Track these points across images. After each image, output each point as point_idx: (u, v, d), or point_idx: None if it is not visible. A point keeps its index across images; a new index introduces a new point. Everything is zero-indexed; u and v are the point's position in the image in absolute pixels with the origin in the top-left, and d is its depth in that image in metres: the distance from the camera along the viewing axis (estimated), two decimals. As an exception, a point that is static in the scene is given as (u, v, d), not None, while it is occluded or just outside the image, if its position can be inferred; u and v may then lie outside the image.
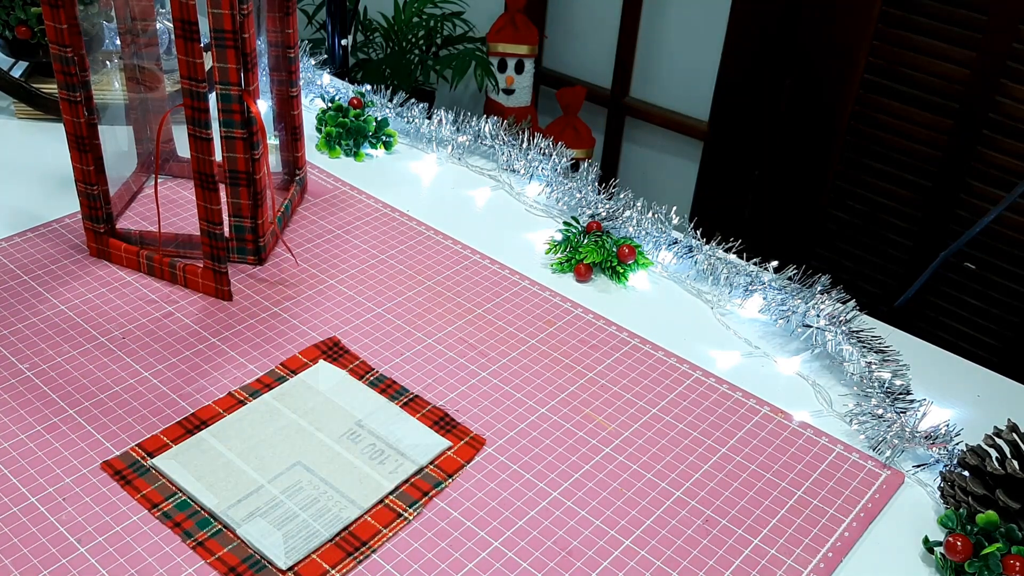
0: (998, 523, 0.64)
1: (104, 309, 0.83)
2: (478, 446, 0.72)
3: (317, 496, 0.66)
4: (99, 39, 1.07)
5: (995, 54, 1.67)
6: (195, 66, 0.76)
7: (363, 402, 0.74)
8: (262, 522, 0.64)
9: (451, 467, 0.70)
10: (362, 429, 0.71)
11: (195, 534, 0.63)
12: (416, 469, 0.69)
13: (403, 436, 0.72)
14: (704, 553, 0.65)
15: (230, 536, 0.63)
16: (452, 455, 0.71)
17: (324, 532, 0.64)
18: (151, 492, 0.66)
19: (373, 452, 0.69)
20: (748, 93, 2.05)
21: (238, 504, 0.65)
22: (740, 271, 0.92)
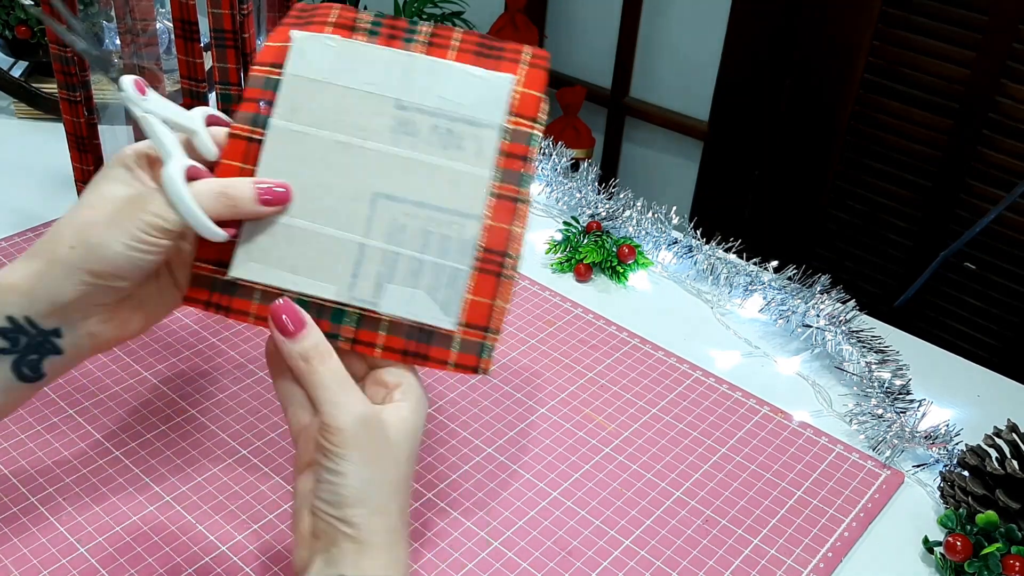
0: (998, 523, 0.64)
1: (104, 309, 0.83)
2: (543, 63, 0.58)
3: (426, 227, 0.55)
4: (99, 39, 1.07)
5: (995, 54, 1.67)
6: (195, 66, 0.76)
7: (383, 69, 0.57)
8: (395, 288, 0.54)
9: (530, 107, 0.57)
10: (408, 111, 0.56)
11: (342, 333, 0.54)
12: (498, 133, 0.56)
13: (455, 94, 0.57)
14: (704, 553, 0.65)
15: (375, 318, 0.54)
16: (522, 90, 0.57)
17: (462, 266, 0.55)
18: (260, 308, 0.55)
19: (440, 137, 0.56)
20: (748, 93, 2.05)
21: (357, 280, 0.54)
22: (740, 271, 0.92)
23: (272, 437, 0.71)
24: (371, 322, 0.54)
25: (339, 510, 0.49)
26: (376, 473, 0.50)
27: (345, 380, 0.51)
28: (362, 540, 0.49)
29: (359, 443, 0.50)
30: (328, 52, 0.57)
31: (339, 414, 0.50)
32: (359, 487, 0.49)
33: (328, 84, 0.57)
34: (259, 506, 0.66)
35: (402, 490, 0.52)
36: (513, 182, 0.56)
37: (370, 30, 0.58)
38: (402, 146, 0.56)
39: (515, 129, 0.57)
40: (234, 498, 0.66)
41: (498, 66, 0.58)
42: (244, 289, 0.55)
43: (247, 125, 0.56)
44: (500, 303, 0.55)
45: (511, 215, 0.56)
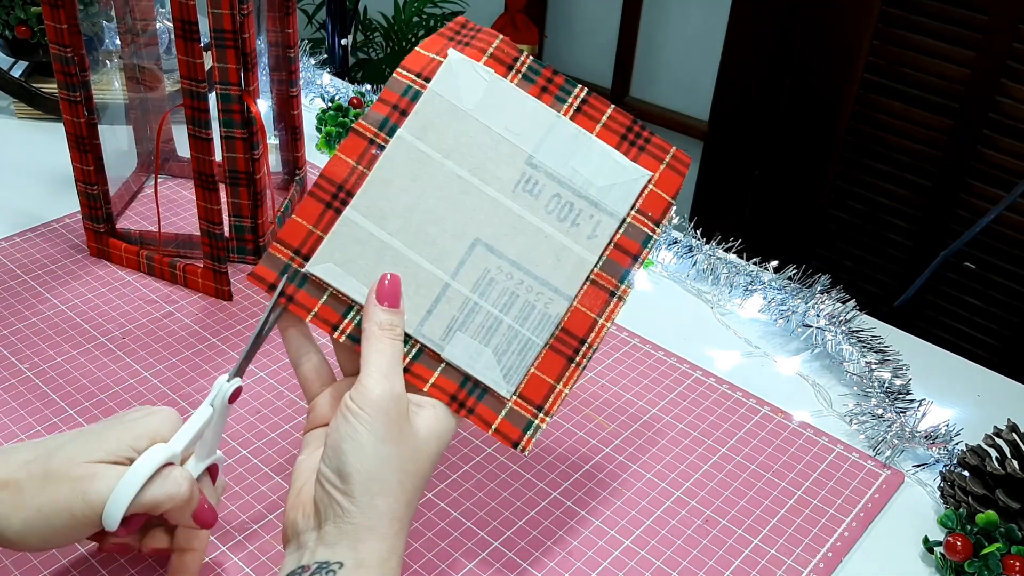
0: (998, 523, 0.64)
1: (104, 309, 0.83)
2: (683, 169, 0.57)
3: (514, 289, 0.54)
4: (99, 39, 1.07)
5: (995, 54, 1.67)
6: (195, 66, 0.76)
7: (527, 120, 0.56)
8: (464, 338, 0.54)
9: (657, 209, 0.56)
10: (538, 171, 0.55)
11: None
12: (618, 224, 0.55)
13: (589, 170, 0.56)
14: (704, 553, 0.65)
15: (434, 357, 0.54)
16: (655, 190, 0.56)
17: (536, 339, 0.54)
18: (324, 309, 0.54)
19: (560, 207, 0.55)
20: (748, 93, 2.05)
21: (430, 317, 0.54)
22: (740, 271, 0.92)
23: (272, 437, 0.71)
24: (430, 359, 0.54)
25: (344, 482, 0.48)
26: (393, 454, 0.49)
27: (399, 363, 0.51)
28: (360, 523, 0.48)
29: (387, 417, 0.49)
30: (479, 83, 0.56)
31: (380, 383, 0.49)
32: (372, 463, 0.48)
33: (468, 115, 0.55)
34: (259, 506, 0.66)
35: (415, 485, 0.51)
36: (615, 275, 0.55)
37: (525, 75, 0.57)
38: (520, 203, 0.55)
39: (636, 225, 0.56)
40: (234, 498, 0.66)
41: (639, 157, 0.57)
42: (315, 286, 0.54)
43: (374, 127, 0.55)
44: (561, 387, 0.54)
45: (602, 306, 0.55)
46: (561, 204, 0.55)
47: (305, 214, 0.54)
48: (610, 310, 0.55)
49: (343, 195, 0.54)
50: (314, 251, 0.54)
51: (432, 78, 0.55)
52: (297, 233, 0.54)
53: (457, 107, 0.55)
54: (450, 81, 0.56)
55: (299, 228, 0.54)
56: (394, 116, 0.55)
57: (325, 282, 0.54)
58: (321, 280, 0.54)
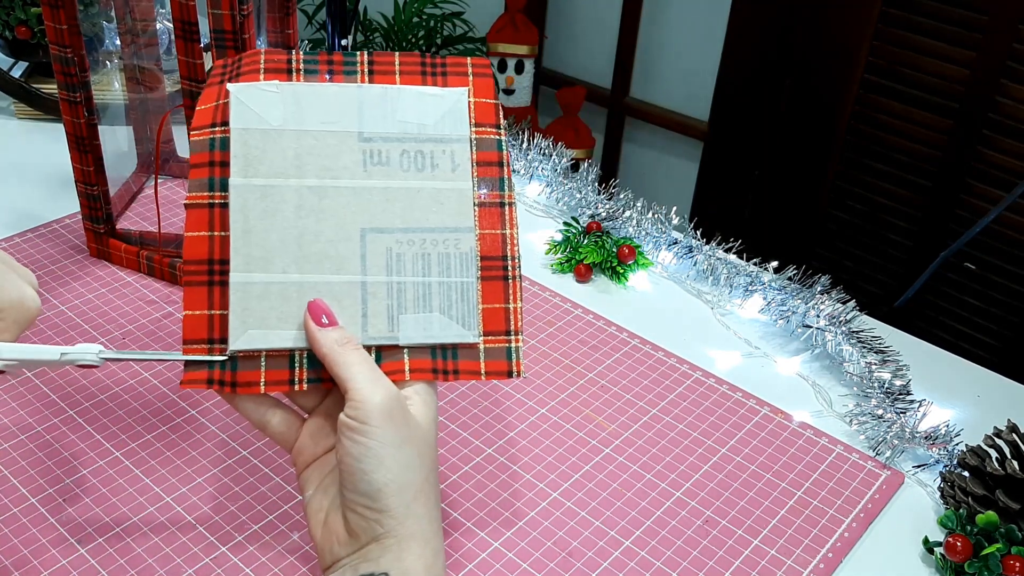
0: (998, 523, 0.64)
1: (104, 309, 0.83)
2: (486, 70, 0.59)
3: (423, 251, 0.55)
4: (99, 39, 1.07)
5: (995, 54, 1.67)
6: (195, 66, 0.76)
7: (335, 105, 0.56)
8: (409, 318, 0.54)
9: (490, 116, 0.58)
10: (373, 142, 0.56)
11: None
12: (468, 146, 0.57)
13: (415, 116, 0.57)
14: (704, 553, 0.65)
15: (395, 350, 0.54)
16: (477, 100, 0.58)
17: (468, 279, 0.55)
18: (271, 373, 0.53)
19: (412, 160, 0.56)
20: (748, 93, 2.05)
21: (367, 320, 0.54)
22: (740, 271, 0.92)
23: (272, 437, 0.71)
24: (392, 351, 0.54)
25: (376, 500, 0.48)
26: (411, 455, 0.49)
27: (374, 365, 0.51)
28: (401, 534, 0.47)
29: (393, 420, 0.48)
30: (272, 98, 0.55)
31: (374, 389, 0.49)
32: (397, 472, 0.48)
33: (281, 131, 0.55)
34: (259, 506, 0.66)
35: (434, 477, 0.50)
36: (494, 188, 0.57)
37: (306, 70, 0.57)
38: (377, 177, 0.55)
39: (481, 138, 0.57)
40: (234, 498, 0.66)
41: (446, 82, 0.58)
42: (247, 359, 0.53)
43: (203, 192, 0.54)
44: (514, 305, 0.56)
45: (500, 219, 0.56)
46: (411, 156, 0.56)
47: (194, 304, 0.53)
48: (509, 219, 0.57)
49: (218, 266, 0.54)
50: (226, 332, 0.53)
51: (228, 119, 0.55)
52: (199, 326, 0.53)
53: (266, 129, 0.55)
54: (245, 111, 0.55)
55: (198, 320, 0.53)
56: (215, 171, 0.54)
57: (254, 351, 0.53)
58: (249, 351, 0.53)
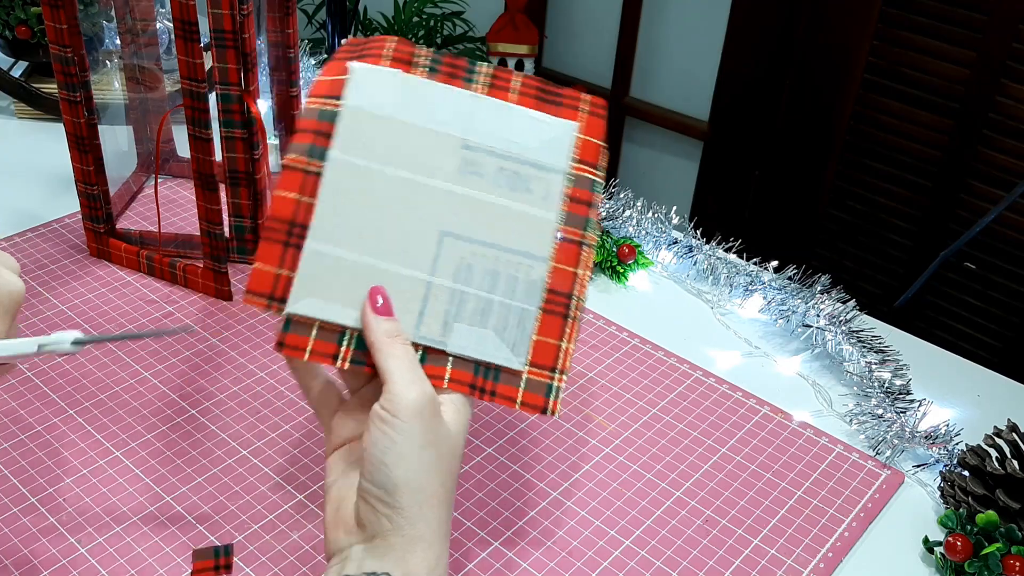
0: (998, 523, 0.64)
1: (104, 309, 0.83)
2: (601, 111, 0.59)
3: (493, 267, 0.55)
4: (99, 39, 1.07)
5: (995, 54, 1.67)
6: (195, 66, 0.76)
7: (448, 107, 0.56)
8: (463, 327, 0.54)
9: (592, 154, 0.58)
10: (475, 151, 0.56)
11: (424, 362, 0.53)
12: (563, 178, 0.56)
13: (520, 137, 0.56)
14: (704, 553, 0.65)
15: (440, 355, 0.54)
16: (584, 137, 0.58)
17: (529, 307, 0.55)
18: (318, 344, 0.53)
19: (507, 178, 0.56)
20: (748, 93, 2.05)
21: (423, 319, 0.54)
22: (740, 271, 0.92)
23: (272, 437, 0.71)
24: (438, 356, 0.54)
25: (390, 495, 0.48)
26: (434, 458, 0.49)
27: (417, 364, 0.51)
28: (409, 534, 0.47)
29: (423, 420, 0.49)
30: (390, 86, 0.56)
31: (410, 387, 0.49)
32: (417, 471, 0.48)
33: (391, 119, 0.55)
34: (259, 506, 0.66)
35: (452, 485, 0.50)
36: (578, 226, 0.56)
37: (430, 67, 0.57)
38: (469, 186, 0.55)
39: (579, 175, 0.57)
40: (234, 498, 0.66)
41: (559, 112, 0.58)
42: (301, 324, 0.53)
43: (303, 156, 0.54)
44: (566, 344, 0.55)
45: (576, 258, 0.56)
46: (507, 175, 0.56)
47: (266, 259, 0.53)
48: (584, 260, 0.56)
49: (298, 230, 0.53)
50: (288, 292, 0.53)
51: (342, 95, 0.55)
52: (264, 280, 0.53)
53: (376, 114, 0.55)
54: (361, 92, 0.55)
55: (265, 275, 0.53)
56: (319, 141, 0.54)
57: (309, 318, 0.53)
58: (305, 317, 0.53)
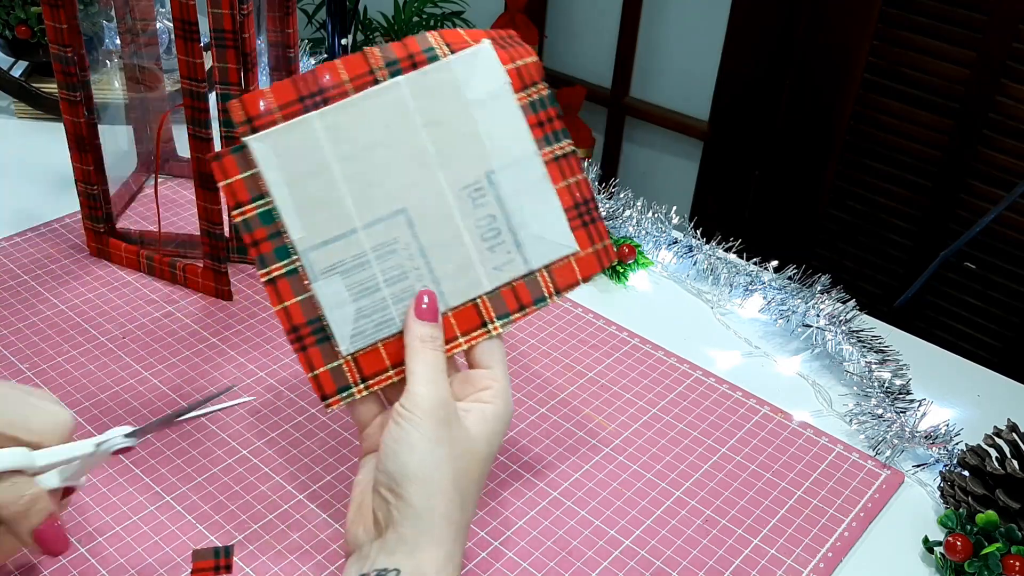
0: (998, 523, 0.64)
1: (104, 309, 0.83)
2: (606, 262, 0.59)
3: (407, 270, 0.55)
4: (99, 38, 1.07)
5: (995, 54, 1.67)
6: (195, 66, 0.76)
7: (509, 139, 0.57)
8: (340, 283, 0.54)
9: (564, 280, 0.58)
10: (490, 187, 0.56)
11: (269, 263, 0.54)
12: (526, 272, 0.57)
13: (531, 216, 0.57)
14: (704, 553, 0.65)
15: (302, 284, 0.54)
16: (572, 262, 0.58)
17: (398, 321, 0.55)
18: (237, 183, 0.54)
19: (489, 229, 0.56)
20: (748, 93, 2.05)
21: (323, 247, 0.54)
22: (740, 271, 0.92)
23: (272, 437, 0.71)
24: (297, 283, 0.54)
25: (399, 485, 0.49)
26: (445, 456, 0.50)
27: (443, 371, 0.54)
28: (418, 528, 0.49)
29: (436, 420, 0.51)
30: (491, 82, 0.57)
31: (427, 388, 0.52)
32: (425, 464, 0.50)
33: (464, 102, 0.56)
34: (259, 506, 0.66)
35: (469, 488, 0.52)
36: (497, 311, 0.57)
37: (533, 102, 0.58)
38: (459, 203, 0.56)
39: (538, 282, 0.58)
40: (234, 498, 0.66)
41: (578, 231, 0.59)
42: (243, 159, 0.54)
43: (382, 61, 0.55)
44: (392, 374, 0.56)
45: (470, 328, 0.57)
46: (492, 227, 0.57)
47: (278, 93, 0.54)
48: (473, 336, 0.57)
49: (319, 99, 0.54)
50: (264, 128, 0.54)
51: (456, 53, 0.57)
52: (256, 104, 0.54)
53: (460, 90, 0.56)
54: (469, 64, 0.56)
55: (264, 101, 0.54)
56: (405, 63, 0.56)
57: (255, 159, 0.54)
58: (253, 157, 0.54)
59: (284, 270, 0.54)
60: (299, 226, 0.54)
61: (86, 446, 0.53)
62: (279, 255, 0.54)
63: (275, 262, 0.54)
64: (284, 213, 0.54)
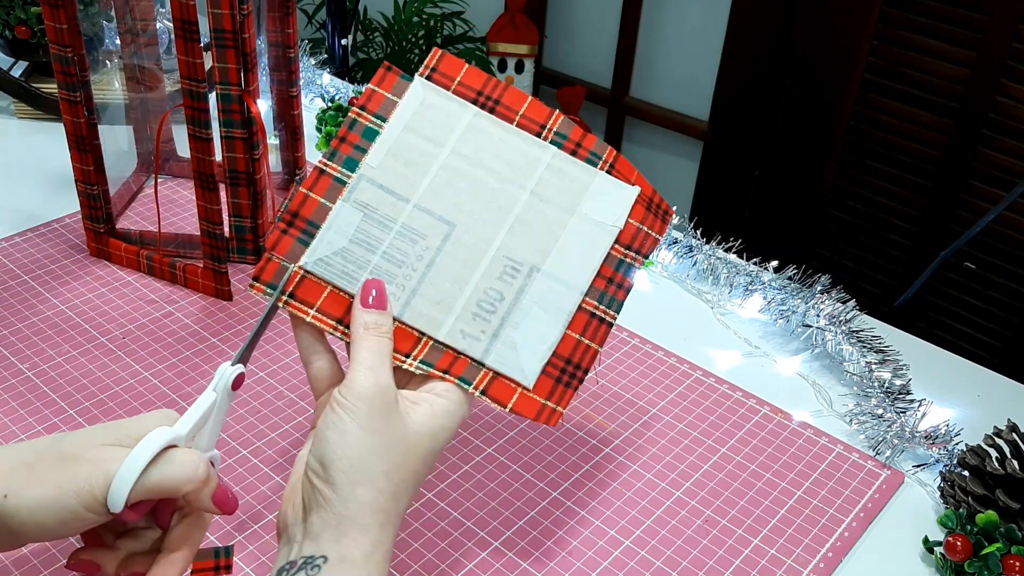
0: (998, 523, 0.64)
1: (104, 309, 0.83)
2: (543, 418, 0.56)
3: (406, 263, 0.56)
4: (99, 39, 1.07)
5: (995, 54, 1.67)
6: (195, 66, 0.76)
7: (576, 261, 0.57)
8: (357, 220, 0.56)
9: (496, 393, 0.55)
10: (525, 277, 0.56)
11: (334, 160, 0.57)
12: (477, 358, 0.55)
13: (527, 328, 0.56)
14: (704, 553, 0.65)
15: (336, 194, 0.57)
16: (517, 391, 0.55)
17: (356, 287, 0.55)
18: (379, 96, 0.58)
19: (489, 302, 0.56)
20: (748, 93, 2.05)
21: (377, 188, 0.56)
22: (740, 271, 0.92)
23: (272, 437, 0.71)
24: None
25: (326, 470, 0.49)
26: (377, 445, 0.49)
27: (386, 358, 0.53)
28: (341, 514, 0.48)
29: (371, 407, 0.50)
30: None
31: (365, 375, 0.51)
32: (354, 450, 0.49)
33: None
34: (259, 506, 0.66)
35: (403, 479, 0.50)
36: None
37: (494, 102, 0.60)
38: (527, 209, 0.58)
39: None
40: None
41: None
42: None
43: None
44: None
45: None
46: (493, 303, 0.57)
47: (470, 74, 0.59)
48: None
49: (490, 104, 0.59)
50: (435, 83, 0.58)
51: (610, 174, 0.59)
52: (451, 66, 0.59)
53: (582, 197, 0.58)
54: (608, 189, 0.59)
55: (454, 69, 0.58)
56: (569, 144, 0.59)
57: (406, 94, 0.58)
58: (408, 91, 0.58)
59: (337, 174, 0.56)
60: (379, 160, 0.56)
61: (207, 396, 0.53)
62: (347, 164, 0.56)
63: (339, 164, 0.57)
64: (380, 142, 0.57)
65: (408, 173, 0.56)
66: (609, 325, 0.57)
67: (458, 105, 0.58)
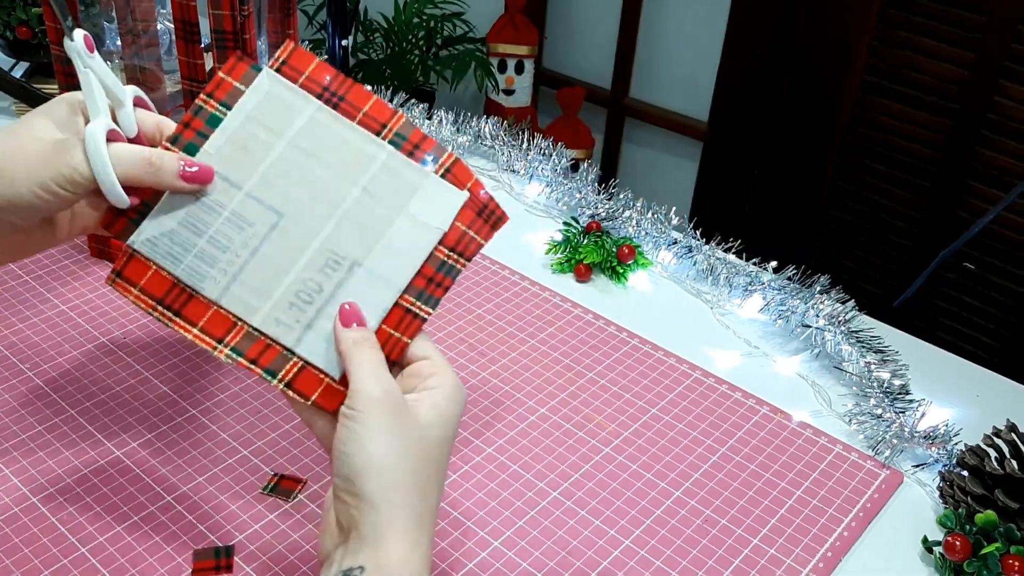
0: (997, 523, 0.64)
1: (104, 309, 0.83)
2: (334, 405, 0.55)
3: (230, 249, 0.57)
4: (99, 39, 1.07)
5: (994, 55, 1.67)
6: (196, 67, 0.76)
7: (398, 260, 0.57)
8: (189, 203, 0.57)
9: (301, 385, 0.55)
10: (346, 272, 0.56)
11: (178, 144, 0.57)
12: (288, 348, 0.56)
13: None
14: (704, 553, 0.65)
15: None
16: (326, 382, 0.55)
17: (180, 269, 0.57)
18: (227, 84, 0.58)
19: (308, 292, 0.56)
20: (748, 93, 2.05)
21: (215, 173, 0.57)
22: (740, 271, 0.92)
23: (273, 437, 0.72)
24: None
25: (353, 484, 0.48)
26: (395, 444, 0.49)
27: (383, 366, 0.53)
28: (378, 522, 0.48)
29: (383, 410, 0.50)
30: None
31: (368, 382, 0.51)
32: (377, 456, 0.49)
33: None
34: (259, 506, 0.66)
35: (430, 473, 0.51)
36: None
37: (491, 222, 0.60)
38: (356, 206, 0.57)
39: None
40: (235, 498, 0.66)
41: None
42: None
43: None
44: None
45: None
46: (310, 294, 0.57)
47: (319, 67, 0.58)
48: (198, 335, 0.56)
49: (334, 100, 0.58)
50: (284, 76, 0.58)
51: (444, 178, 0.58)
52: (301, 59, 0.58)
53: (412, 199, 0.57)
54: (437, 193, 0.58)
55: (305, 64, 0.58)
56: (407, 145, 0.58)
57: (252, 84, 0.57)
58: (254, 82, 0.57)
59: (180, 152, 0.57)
60: (217, 147, 0.57)
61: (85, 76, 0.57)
62: (188, 148, 0.57)
63: (179, 148, 0.57)
64: (220, 130, 0.57)
65: (244, 161, 0.57)
66: (423, 320, 0.57)
67: (302, 98, 0.58)
